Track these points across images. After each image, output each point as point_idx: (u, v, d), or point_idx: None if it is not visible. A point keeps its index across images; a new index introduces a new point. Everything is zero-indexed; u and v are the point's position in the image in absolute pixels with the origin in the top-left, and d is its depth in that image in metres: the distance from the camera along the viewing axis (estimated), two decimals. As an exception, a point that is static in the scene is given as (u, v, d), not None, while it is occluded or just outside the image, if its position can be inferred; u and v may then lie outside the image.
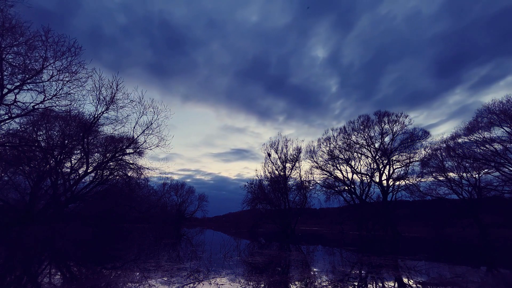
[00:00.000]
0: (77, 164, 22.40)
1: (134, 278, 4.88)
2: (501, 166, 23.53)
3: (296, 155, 30.74)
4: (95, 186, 21.87)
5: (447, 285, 4.93)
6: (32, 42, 12.90)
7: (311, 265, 6.99)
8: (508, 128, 22.59)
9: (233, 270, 5.84)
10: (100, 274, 5.14)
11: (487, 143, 24.05)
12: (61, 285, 4.46)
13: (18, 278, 4.91)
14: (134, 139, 20.78)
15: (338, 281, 5.06)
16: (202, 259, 7.51)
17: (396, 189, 28.85)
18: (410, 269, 6.69)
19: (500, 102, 23.53)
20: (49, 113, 16.48)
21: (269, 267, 6.40)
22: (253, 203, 30.05)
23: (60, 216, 19.38)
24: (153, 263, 6.49)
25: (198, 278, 4.93)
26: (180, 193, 47.61)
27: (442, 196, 28.13)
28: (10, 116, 14.17)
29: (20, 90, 13.85)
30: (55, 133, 19.12)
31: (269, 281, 4.84)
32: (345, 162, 31.09)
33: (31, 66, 13.30)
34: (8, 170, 18.76)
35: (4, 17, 12.03)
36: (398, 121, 28.87)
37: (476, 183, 25.97)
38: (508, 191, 24.03)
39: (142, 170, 22.71)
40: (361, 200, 29.98)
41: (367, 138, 30.30)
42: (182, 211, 47.74)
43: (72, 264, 6.57)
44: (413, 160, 28.48)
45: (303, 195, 29.59)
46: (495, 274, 6.55)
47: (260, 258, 7.97)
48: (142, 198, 28.75)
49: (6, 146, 14.99)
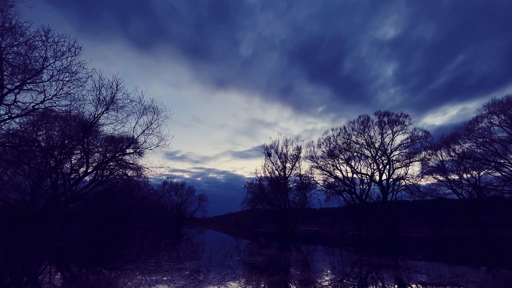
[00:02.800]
0: (77, 164, 22.40)
1: (134, 278, 4.88)
2: (501, 166, 23.54)
3: (296, 155, 30.79)
4: (95, 186, 21.86)
5: (447, 285, 4.92)
6: (32, 42, 12.89)
7: (311, 265, 6.98)
8: (508, 128, 22.60)
9: (233, 270, 5.83)
10: (100, 274, 5.14)
11: (487, 143, 24.06)
12: (61, 285, 4.46)
13: (18, 278, 4.91)
14: (134, 139, 20.79)
15: (338, 281, 5.06)
16: (202, 259, 7.51)
17: (396, 189, 28.88)
18: (410, 269, 6.69)
19: (500, 102, 23.56)
20: (49, 113, 16.47)
21: (269, 267, 6.40)
22: (253, 203, 30.06)
23: (60, 216, 19.36)
24: (153, 263, 6.48)
25: (198, 278, 4.93)
26: (180, 193, 47.65)
27: (442, 196, 28.14)
28: (10, 116, 14.16)
29: (20, 90, 13.84)
30: (55, 133, 19.10)
31: (269, 281, 4.84)
32: (345, 162, 31.10)
33: (31, 66, 13.29)
34: (8, 170, 18.76)
35: (4, 17, 12.03)
36: (398, 121, 28.91)
37: (476, 183, 25.97)
38: (508, 191, 24.04)
39: (142, 170, 22.69)
40: (361, 200, 29.97)
41: (367, 138, 30.32)
42: (182, 211, 47.73)
43: (72, 264, 6.56)
44: (413, 160, 28.52)
45: (303, 195, 29.61)
46: (495, 274, 6.55)
47: (260, 258, 7.97)
48: (142, 198, 28.74)
49: (6, 146, 14.99)
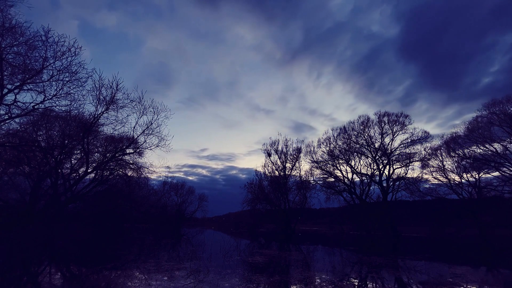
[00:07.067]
0: (77, 164, 22.38)
1: (134, 278, 4.88)
2: (501, 166, 23.52)
3: (296, 155, 30.77)
4: (95, 186, 21.85)
5: (447, 285, 4.92)
6: (32, 42, 12.88)
7: (311, 265, 6.98)
8: (508, 128, 22.59)
9: (233, 270, 5.83)
10: (100, 274, 5.14)
11: (487, 143, 24.05)
12: (61, 285, 4.46)
13: (18, 278, 4.91)
14: (134, 139, 20.76)
15: (338, 281, 5.06)
16: (202, 259, 7.51)
17: (396, 189, 28.82)
18: (410, 269, 6.69)
19: (500, 102, 23.55)
20: (49, 113, 16.44)
21: (269, 267, 6.39)
22: (253, 203, 30.06)
23: (60, 216, 19.35)
24: (153, 263, 6.48)
25: (198, 278, 4.92)
26: (180, 193, 47.60)
27: (442, 196, 28.10)
28: (10, 116, 14.15)
29: (20, 90, 13.83)
30: (55, 133, 19.08)
31: (269, 281, 4.84)
32: (345, 162, 31.06)
33: (31, 66, 13.28)
34: (8, 170, 18.75)
35: (4, 17, 12.03)
36: (398, 121, 28.87)
37: (476, 183, 25.96)
38: (508, 191, 24.02)
39: (142, 170, 22.70)
40: (361, 200, 29.94)
41: (367, 138, 30.28)
42: (182, 211, 47.71)
43: (72, 264, 6.56)
44: (413, 160, 28.48)
45: (303, 195, 29.60)
46: (495, 274, 6.55)
47: (260, 258, 7.97)
48: (142, 198, 28.73)
49: (6, 146, 14.99)
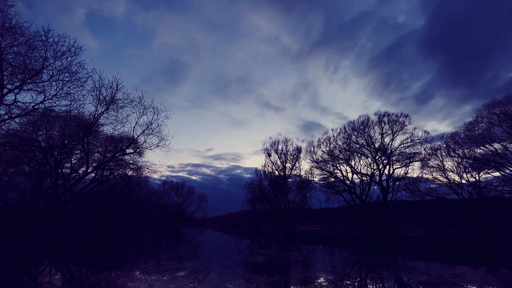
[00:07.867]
0: (77, 164, 22.38)
1: (134, 278, 4.87)
2: (501, 166, 23.51)
3: (296, 155, 30.75)
4: (95, 186, 21.85)
5: (447, 285, 4.92)
6: (32, 42, 12.87)
7: (311, 265, 6.98)
8: (508, 128, 22.59)
9: (233, 270, 5.83)
10: (100, 274, 5.14)
11: (487, 143, 24.05)
12: (61, 285, 4.46)
13: (18, 278, 4.91)
14: (134, 139, 20.75)
15: (338, 281, 5.06)
16: (202, 259, 7.51)
17: (396, 189, 28.79)
18: (410, 269, 6.69)
19: (500, 102, 23.54)
20: (49, 113, 16.44)
21: (269, 267, 6.39)
22: (253, 203, 30.03)
23: (60, 216, 19.35)
24: (153, 263, 6.48)
25: (198, 278, 4.92)
26: (180, 193, 47.61)
27: (442, 196, 28.09)
28: (10, 116, 14.14)
29: (20, 90, 13.83)
30: (55, 133, 19.08)
31: (269, 281, 4.84)
32: (345, 162, 31.04)
33: (31, 66, 13.27)
34: (8, 170, 18.75)
35: (4, 17, 12.02)
36: (398, 121, 28.86)
37: (476, 183, 25.95)
38: (508, 191, 24.00)
39: (142, 170, 22.69)
40: (361, 200, 29.94)
41: (367, 138, 30.27)
42: (182, 211, 47.72)
43: (72, 264, 6.56)
44: (413, 160, 28.46)
45: (303, 195, 29.57)
46: (495, 274, 6.55)
47: (260, 258, 7.96)
48: (142, 198, 28.71)
49: (6, 146, 14.98)
